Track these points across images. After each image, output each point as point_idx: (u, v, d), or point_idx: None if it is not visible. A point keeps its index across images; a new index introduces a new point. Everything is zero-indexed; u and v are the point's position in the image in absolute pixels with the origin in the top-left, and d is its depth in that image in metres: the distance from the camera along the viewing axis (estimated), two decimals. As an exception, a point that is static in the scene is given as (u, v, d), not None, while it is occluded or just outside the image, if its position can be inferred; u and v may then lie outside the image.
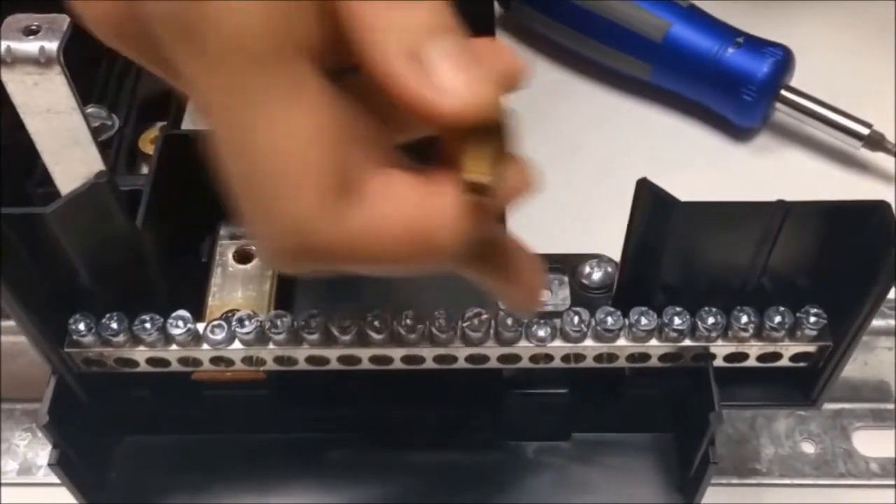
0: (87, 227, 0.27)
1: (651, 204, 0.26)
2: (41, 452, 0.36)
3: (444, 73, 0.19)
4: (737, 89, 0.43)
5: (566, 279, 0.34)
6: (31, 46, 0.27)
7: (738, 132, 0.45)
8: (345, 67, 0.21)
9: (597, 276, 0.33)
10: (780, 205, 0.25)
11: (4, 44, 0.27)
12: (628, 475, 0.33)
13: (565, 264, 0.34)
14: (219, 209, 0.33)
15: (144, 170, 0.36)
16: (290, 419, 0.33)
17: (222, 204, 0.33)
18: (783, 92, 0.43)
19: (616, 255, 0.33)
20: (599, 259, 0.34)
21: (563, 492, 0.33)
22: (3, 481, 0.35)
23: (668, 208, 0.25)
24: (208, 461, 0.33)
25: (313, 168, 0.19)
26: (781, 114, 0.44)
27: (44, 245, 0.27)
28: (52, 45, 0.27)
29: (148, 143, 0.36)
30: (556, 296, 0.33)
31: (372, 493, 0.33)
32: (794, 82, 0.44)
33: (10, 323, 0.33)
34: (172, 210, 0.33)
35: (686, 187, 0.27)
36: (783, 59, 0.43)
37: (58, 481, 0.35)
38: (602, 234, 0.36)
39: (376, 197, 0.20)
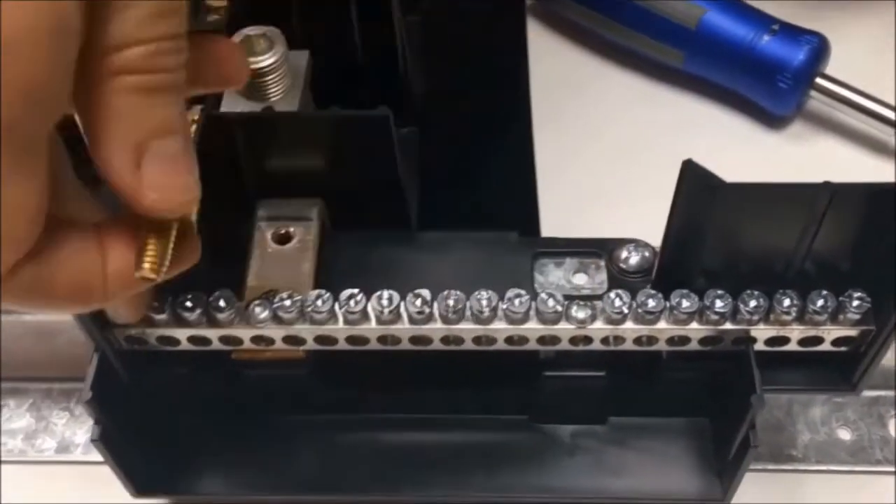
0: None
1: (696, 186, 0.25)
2: (79, 431, 0.36)
3: (152, 175, 0.22)
4: (772, 77, 0.43)
5: (603, 263, 0.34)
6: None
7: (772, 120, 0.45)
8: None
9: (634, 260, 0.33)
10: (827, 187, 0.25)
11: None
12: (664, 460, 0.33)
13: (602, 249, 0.33)
14: (256, 191, 0.34)
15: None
16: (328, 400, 0.33)
17: (260, 182, 0.33)
18: (818, 80, 0.43)
19: (651, 239, 0.33)
20: (636, 243, 0.33)
21: (598, 475, 0.33)
22: (41, 459, 0.36)
23: (714, 190, 0.25)
24: (245, 441, 0.33)
25: (9, 236, 0.21)
26: (815, 101, 0.44)
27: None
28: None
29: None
30: (594, 280, 0.33)
31: (406, 474, 0.33)
32: (828, 71, 0.43)
33: (51, 302, 0.34)
34: (211, 191, 0.33)
35: (719, 174, 0.27)
36: (819, 47, 0.43)
37: (95, 459, 0.35)
38: (637, 219, 0.36)
39: (50, 255, 0.22)
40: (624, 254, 0.33)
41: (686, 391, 0.32)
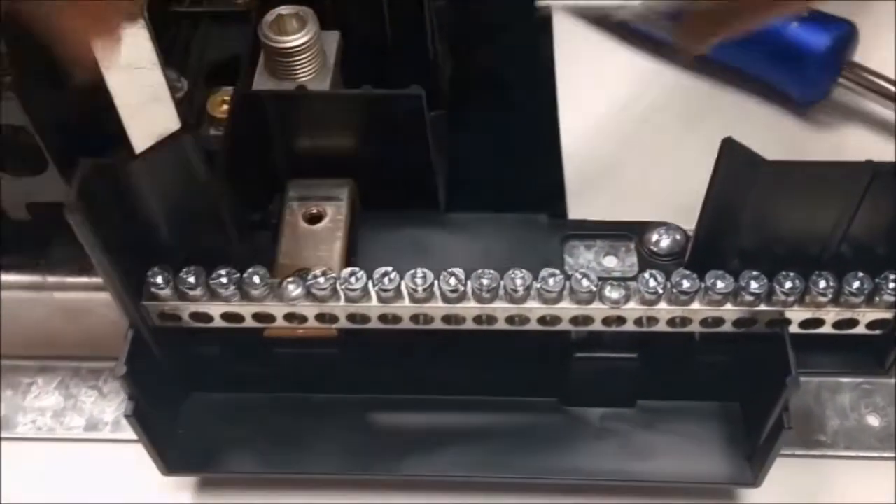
0: (171, 179, 0.27)
1: (736, 164, 0.25)
2: (107, 409, 0.36)
3: None
4: (800, 63, 0.43)
5: (633, 246, 0.34)
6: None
7: (799, 107, 0.45)
8: None
9: (665, 243, 0.33)
10: (869, 165, 0.25)
11: (91, -2, 0.27)
12: (694, 443, 0.33)
13: (632, 231, 0.33)
14: (287, 170, 0.34)
15: (212, 132, 0.37)
16: (358, 379, 0.33)
17: (291, 162, 0.33)
18: (846, 67, 0.43)
19: (678, 223, 0.33)
20: (667, 226, 0.33)
21: (627, 458, 0.32)
22: (70, 437, 0.36)
23: (754, 168, 0.25)
24: (274, 420, 0.33)
25: None
26: (842, 89, 0.44)
27: (128, 197, 0.27)
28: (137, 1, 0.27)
29: (216, 105, 0.37)
30: (624, 262, 0.33)
31: (435, 454, 0.33)
32: (856, 58, 0.43)
33: (80, 279, 0.34)
34: (244, 169, 0.33)
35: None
36: (847, 34, 0.42)
37: (123, 438, 0.36)
38: (663, 203, 0.37)
39: None
40: (654, 237, 0.33)
41: (717, 374, 0.32)
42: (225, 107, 0.36)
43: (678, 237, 0.33)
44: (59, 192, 0.32)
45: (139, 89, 0.30)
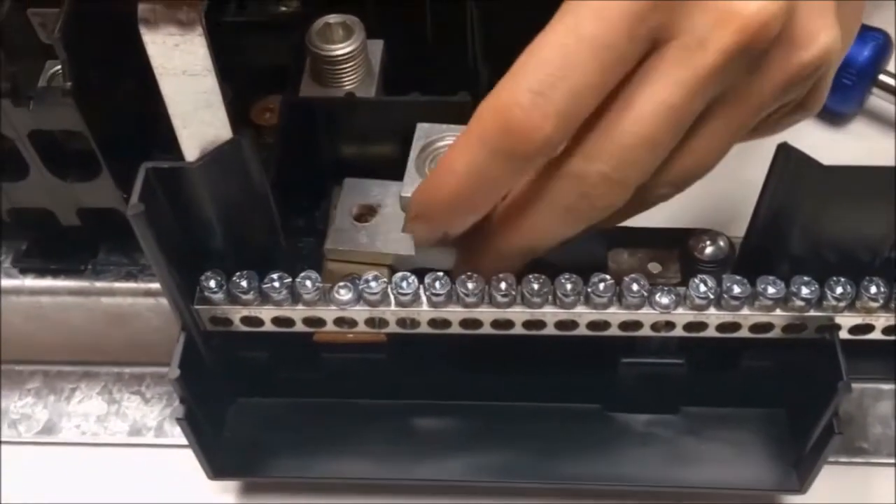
0: (227, 182, 0.27)
1: (791, 169, 0.26)
2: (150, 415, 0.37)
3: None
4: (836, 75, 0.43)
5: (676, 253, 0.34)
6: (175, 7, 0.28)
7: (833, 117, 0.45)
8: None
9: (709, 250, 0.33)
10: (924, 171, 0.25)
11: (149, 4, 0.28)
12: (739, 450, 0.33)
13: (676, 238, 0.34)
14: (332, 174, 0.34)
15: (256, 139, 0.37)
16: (404, 384, 0.33)
17: (336, 168, 0.34)
18: (881, 77, 0.43)
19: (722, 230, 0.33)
20: (710, 233, 0.33)
21: (673, 465, 0.33)
22: (113, 442, 0.36)
23: (810, 172, 0.25)
24: (320, 423, 0.34)
25: None
26: (877, 98, 0.44)
27: (184, 200, 0.27)
28: (196, 7, 0.28)
29: (259, 114, 0.37)
30: (668, 269, 0.33)
31: (478, 460, 0.33)
32: (890, 68, 0.43)
33: (126, 285, 0.35)
34: (291, 175, 0.33)
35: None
36: (883, 44, 0.43)
37: (166, 443, 0.36)
38: (706, 210, 0.37)
39: None
40: (699, 243, 0.34)
41: (762, 380, 0.32)
42: (269, 114, 0.36)
43: (722, 244, 0.33)
44: (111, 197, 0.32)
45: (193, 96, 0.30)
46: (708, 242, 0.33)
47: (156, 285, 0.34)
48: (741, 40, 0.23)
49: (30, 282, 0.34)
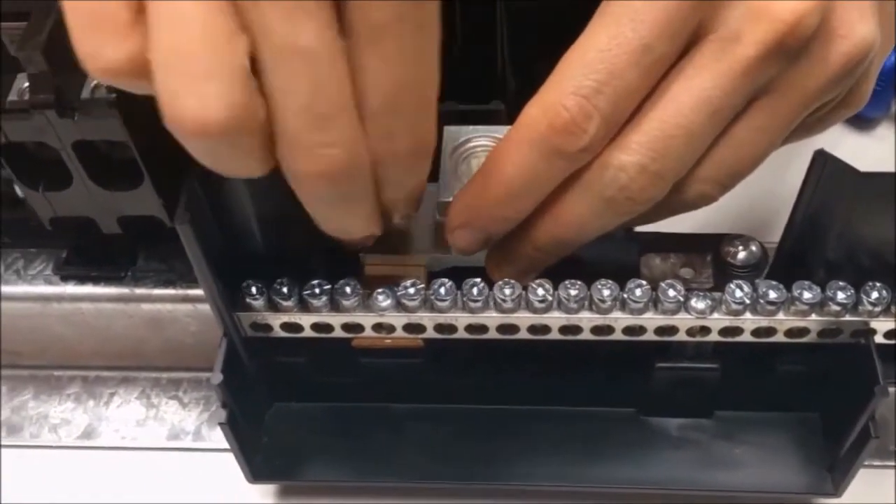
0: (269, 190, 0.28)
1: (828, 175, 0.26)
2: (188, 419, 0.37)
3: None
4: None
5: (709, 258, 0.34)
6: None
7: (860, 121, 0.45)
8: None
9: (742, 255, 0.33)
10: (961, 176, 0.25)
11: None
12: (773, 454, 0.33)
13: (708, 244, 0.34)
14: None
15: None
16: (439, 389, 0.34)
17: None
18: (910, 80, 0.43)
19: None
20: (743, 238, 0.34)
21: (706, 469, 0.33)
22: (152, 446, 0.37)
23: (846, 179, 0.25)
24: (355, 429, 0.34)
25: None
26: (904, 103, 0.44)
27: (227, 208, 0.28)
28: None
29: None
30: (700, 274, 0.34)
31: (512, 464, 0.33)
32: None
33: (165, 291, 0.35)
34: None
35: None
36: (911, 48, 0.43)
37: (204, 447, 0.36)
38: (737, 216, 0.37)
39: None
40: (731, 249, 0.34)
41: (796, 385, 0.33)
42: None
43: (754, 249, 0.34)
44: (152, 206, 0.33)
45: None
46: (741, 248, 0.34)
47: (194, 291, 0.35)
48: (777, 34, 0.24)
49: (71, 289, 0.35)
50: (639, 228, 0.30)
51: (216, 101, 0.21)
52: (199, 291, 0.35)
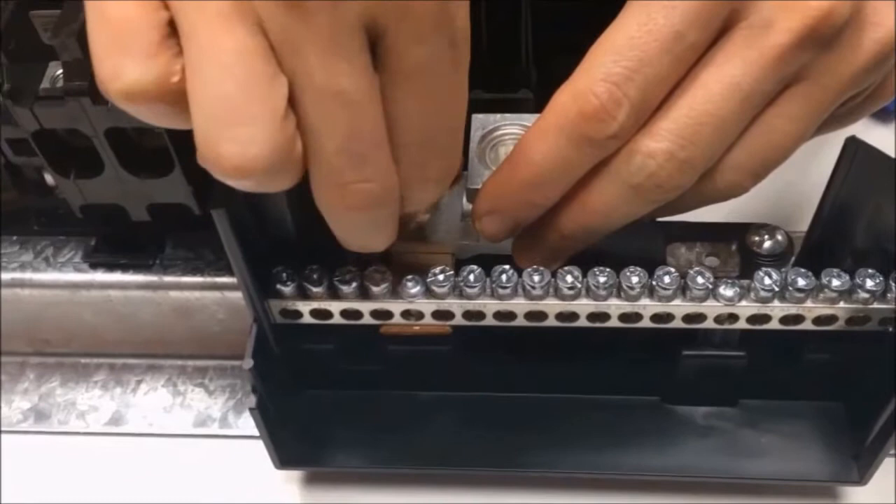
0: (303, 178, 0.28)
1: (861, 163, 0.26)
2: (214, 406, 0.37)
3: None
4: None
5: (734, 247, 0.34)
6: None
7: (882, 113, 0.45)
8: None
9: (767, 244, 0.33)
10: None
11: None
12: (798, 442, 0.33)
13: (734, 232, 0.34)
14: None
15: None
16: (466, 377, 0.34)
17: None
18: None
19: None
20: (768, 227, 0.34)
21: (732, 457, 0.33)
22: (178, 432, 0.37)
23: (878, 166, 0.25)
24: (382, 416, 0.34)
25: None
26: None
27: (260, 194, 0.28)
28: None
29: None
30: (726, 263, 0.34)
31: (538, 452, 0.34)
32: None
33: (193, 279, 0.35)
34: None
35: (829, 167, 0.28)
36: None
37: (230, 433, 0.37)
38: (765, 206, 0.37)
39: None
40: (757, 238, 0.34)
41: (822, 374, 0.33)
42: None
43: (780, 238, 0.34)
44: (182, 193, 0.33)
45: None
46: (766, 237, 0.34)
47: (222, 279, 0.35)
48: (809, 22, 0.24)
49: (100, 276, 0.35)
50: (665, 217, 0.31)
51: (257, 146, 0.22)
52: (227, 279, 0.35)
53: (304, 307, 0.30)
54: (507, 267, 0.29)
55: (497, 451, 0.34)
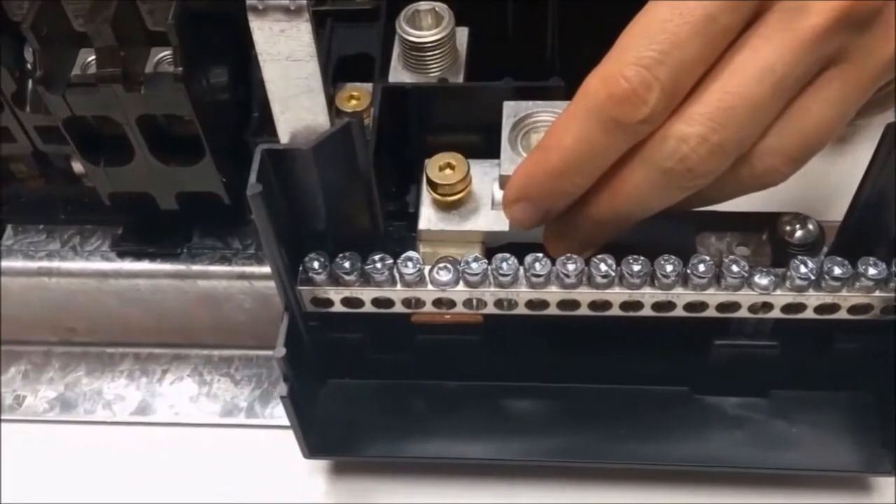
0: (335, 166, 0.28)
1: (900, 149, 0.26)
2: (240, 395, 0.37)
3: None
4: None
5: (764, 237, 0.34)
6: (283, -6, 0.28)
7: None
8: None
9: (799, 233, 0.33)
10: None
11: (257, -8, 0.28)
12: (829, 432, 0.33)
13: (764, 222, 0.34)
14: (420, 159, 0.35)
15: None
16: (494, 367, 0.34)
17: (425, 154, 0.34)
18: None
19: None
20: (799, 217, 0.34)
21: (763, 447, 0.33)
22: (204, 422, 0.37)
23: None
24: (410, 406, 0.34)
25: None
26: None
27: (293, 182, 0.28)
28: (304, -7, 0.28)
29: (344, 101, 0.38)
30: (757, 253, 0.34)
31: (568, 443, 0.33)
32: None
33: (221, 268, 0.35)
34: (383, 160, 0.34)
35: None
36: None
37: (257, 423, 0.37)
38: (793, 195, 0.37)
39: None
40: (788, 227, 0.34)
41: (852, 364, 0.32)
42: (354, 102, 0.37)
43: (811, 227, 0.33)
44: (211, 182, 0.33)
45: (294, 81, 0.30)
46: (798, 226, 0.33)
47: (249, 268, 0.35)
48: (844, 3, 0.24)
49: (128, 265, 0.35)
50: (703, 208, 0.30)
51: None
52: (255, 269, 0.35)
53: (336, 295, 0.30)
54: (540, 255, 0.29)
55: (525, 440, 0.33)
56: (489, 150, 0.34)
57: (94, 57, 0.30)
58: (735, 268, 0.29)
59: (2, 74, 0.31)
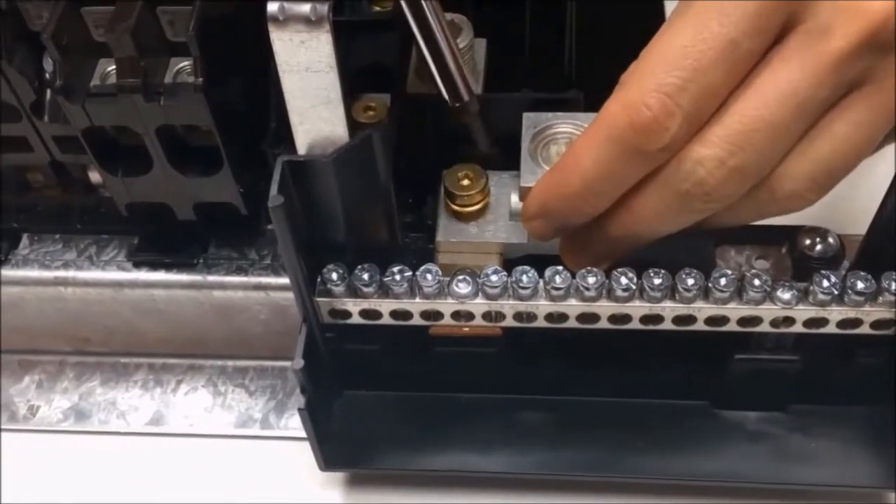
0: (355, 177, 0.28)
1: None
2: (255, 407, 0.37)
3: None
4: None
5: (784, 250, 0.34)
6: (303, 6, 0.28)
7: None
8: None
9: (819, 247, 0.33)
10: None
11: (278, 3, 0.28)
12: (850, 447, 0.32)
13: (784, 235, 0.34)
14: (437, 171, 0.35)
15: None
16: (513, 379, 0.34)
17: (442, 165, 0.34)
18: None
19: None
20: (819, 230, 0.33)
21: (783, 462, 0.32)
22: (218, 433, 0.37)
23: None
24: (426, 418, 0.34)
25: None
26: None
27: (313, 193, 0.28)
28: (324, 6, 0.28)
29: (360, 111, 0.38)
30: (776, 267, 0.33)
31: (586, 456, 0.33)
32: None
33: (237, 278, 0.35)
34: (401, 171, 0.34)
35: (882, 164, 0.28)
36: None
37: (272, 434, 0.37)
38: (814, 209, 0.37)
39: None
40: (807, 241, 0.33)
41: (873, 378, 0.32)
42: (370, 112, 0.37)
43: (831, 241, 0.33)
44: (229, 192, 0.33)
45: (313, 92, 0.30)
46: (818, 240, 0.33)
47: (266, 279, 0.35)
48: (869, 26, 0.23)
49: (144, 275, 0.35)
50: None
51: None
52: (271, 279, 0.35)
53: (354, 307, 0.30)
54: (560, 268, 0.29)
55: (542, 454, 0.33)
56: (507, 161, 0.34)
57: (113, 67, 0.30)
58: (757, 282, 0.29)
59: (21, 84, 0.31)
